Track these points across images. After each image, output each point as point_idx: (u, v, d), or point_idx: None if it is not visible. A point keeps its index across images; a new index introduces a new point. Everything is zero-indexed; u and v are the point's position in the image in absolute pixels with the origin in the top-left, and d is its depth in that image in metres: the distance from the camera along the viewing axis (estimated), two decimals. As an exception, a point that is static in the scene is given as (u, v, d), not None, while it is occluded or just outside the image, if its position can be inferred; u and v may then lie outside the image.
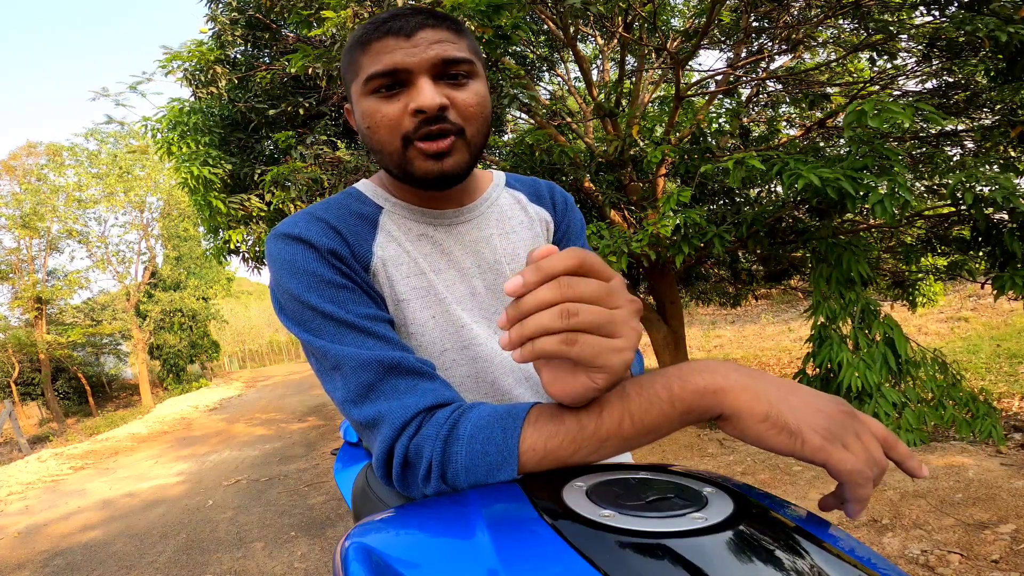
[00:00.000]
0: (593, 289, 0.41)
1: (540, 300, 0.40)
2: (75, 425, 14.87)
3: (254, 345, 32.82)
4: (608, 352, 0.41)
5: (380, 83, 0.63)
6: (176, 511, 4.28)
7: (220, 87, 4.10)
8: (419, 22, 0.63)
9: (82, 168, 15.58)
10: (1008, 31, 2.69)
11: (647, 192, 4.24)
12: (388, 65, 0.62)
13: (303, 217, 0.66)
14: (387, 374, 0.57)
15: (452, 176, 0.66)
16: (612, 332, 0.41)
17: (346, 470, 1.14)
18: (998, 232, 3.11)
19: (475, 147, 0.67)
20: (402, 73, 0.62)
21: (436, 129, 0.63)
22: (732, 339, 9.94)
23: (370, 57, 0.63)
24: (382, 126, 0.64)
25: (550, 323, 0.40)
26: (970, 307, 8.54)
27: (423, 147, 0.63)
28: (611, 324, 0.41)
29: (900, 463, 0.45)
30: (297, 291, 0.61)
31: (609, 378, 0.43)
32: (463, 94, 0.64)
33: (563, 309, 0.39)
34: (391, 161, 0.66)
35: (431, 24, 0.63)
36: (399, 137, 0.64)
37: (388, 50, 0.62)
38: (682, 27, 5.13)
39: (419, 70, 0.62)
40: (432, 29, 0.63)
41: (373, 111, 0.64)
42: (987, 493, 2.44)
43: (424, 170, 0.65)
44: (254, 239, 4.32)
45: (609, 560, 0.36)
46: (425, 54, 0.62)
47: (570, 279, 0.40)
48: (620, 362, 0.42)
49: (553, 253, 0.41)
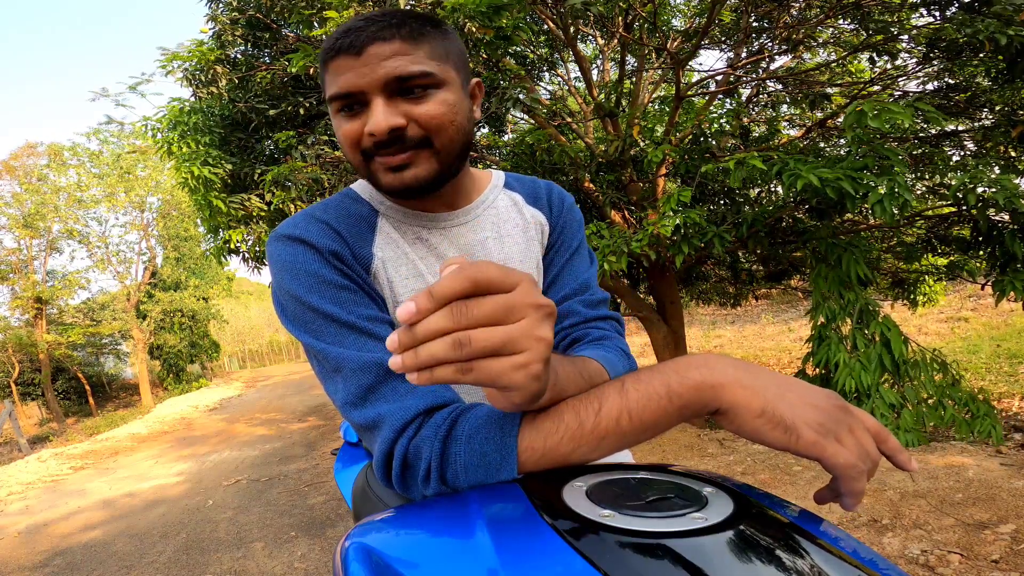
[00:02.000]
0: (488, 310, 0.38)
1: (431, 330, 0.38)
2: (75, 425, 14.87)
3: (254, 345, 32.81)
4: (509, 372, 0.39)
5: (340, 104, 0.63)
6: (176, 511, 4.28)
7: (220, 87, 4.10)
8: (369, 36, 0.60)
9: (83, 168, 15.59)
10: (1008, 33, 2.69)
11: (647, 192, 4.24)
12: (343, 88, 0.61)
13: (303, 218, 0.66)
14: (387, 376, 0.57)
15: (415, 188, 0.65)
16: (513, 350, 0.39)
17: (346, 470, 1.14)
18: (999, 233, 3.11)
19: (447, 155, 0.65)
20: (357, 95, 0.61)
21: (393, 149, 0.63)
22: (732, 339, 9.94)
23: (330, 77, 0.63)
24: (345, 143, 0.65)
25: (443, 355, 0.38)
26: (970, 307, 8.55)
27: (382, 161, 0.64)
28: (509, 343, 0.39)
29: (891, 456, 0.46)
30: (299, 292, 0.61)
31: (523, 394, 0.41)
32: (423, 107, 0.62)
33: (455, 340, 0.38)
34: (361, 174, 0.68)
35: (383, 37, 0.60)
36: (359, 153, 0.65)
37: (342, 71, 0.61)
38: (682, 27, 5.13)
39: (372, 90, 0.60)
40: (384, 43, 0.60)
41: (338, 128, 0.65)
42: (987, 493, 2.43)
43: (387, 182, 0.65)
44: (254, 239, 4.32)
45: (609, 560, 0.36)
46: (375, 74, 0.60)
47: (463, 303, 0.38)
48: (525, 377, 0.40)
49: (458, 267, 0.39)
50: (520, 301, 0.39)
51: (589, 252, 0.86)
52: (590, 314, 0.76)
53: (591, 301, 0.78)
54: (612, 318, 0.78)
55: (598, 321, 0.76)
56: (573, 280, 0.79)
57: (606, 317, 0.78)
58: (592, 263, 0.85)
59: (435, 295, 0.38)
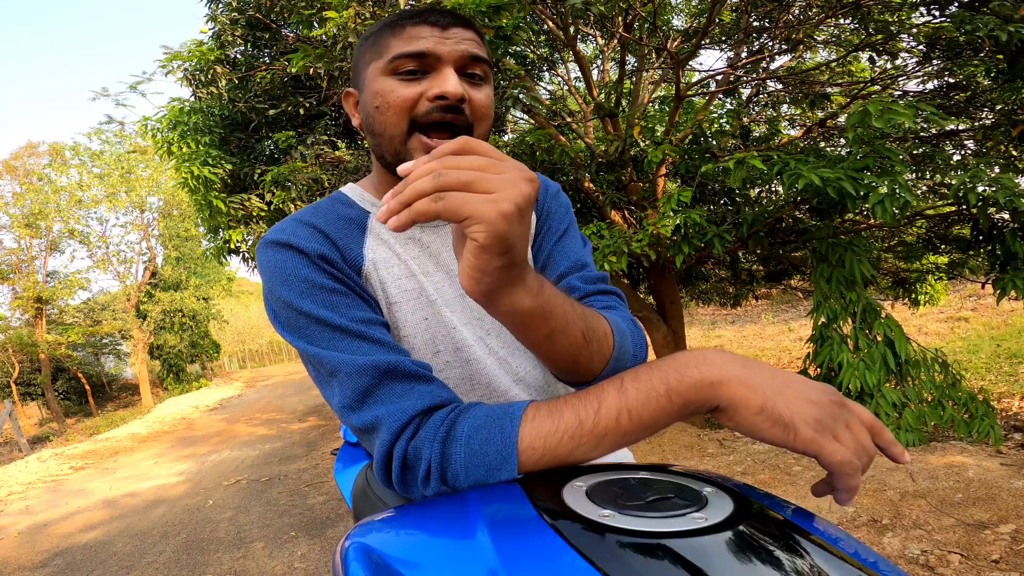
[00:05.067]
0: (472, 161, 0.43)
1: (420, 171, 0.43)
2: (75, 425, 14.88)
3: (254, 345, 32.82)
4: (477, 203, 0.42)
5: (406, 64, 0.63)
6: (176, 511, 4.28)
7: (220, 87, 4.10)
8: (452, 20, 0.65)
9: (84, 168, 15.60)
10: (1008, 30, 2.68)
11: (647, 192, 4.23)
12: (420, 48, 0.63)
13: (290, 223, 0.66)
14: (384, 378, 0.57)
15: None
16: (485, 188, 0.42)
17: (346, 470, 1.14)
18: (999, 232, 3.10)
19: None
20: (431, 59, 0.63)
21: (451, 118, 0.63)
22: (732, 339, 9.94)
23: (401, 39, 0.64)
24: (393, 106, 0.64)
25: (422, 186, 0.42)
26: (970, 307, 8.55)
27: (427, 142, 0.64)
28: (483, 181, 0.42)
29: (884, 449, 0.47)
30: (290, 299, 0.61)
31: (487, 230, 0.42)
32: (479, 94, 0.66)
33: (433, 170, 0.42)
34: (390, 147, 0.66)
35: (463, 24, 0.66)
36: (407, 120, 0.64)
37: (420, 35, 0.64)
38: (682, 27, 5.13)
39: (448, 60, 0.64)
40: (464, 28, 0.66)
41: (388, 90, 0.64)
42: (987, 493, 2.43)
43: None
44: (254, 239, 4.32)
45: (609, 560, 0.36)
46: (457, 47, 0.64)
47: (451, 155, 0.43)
48: (492, 211, 0.42)
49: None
50: (506, 163, 0.44)
51: (582, 236, 0.83)
52: (590, 288, 0.74)
53: (589, 278, 0.75)
54: (613, 292, 0.76)
55: (599, 295, 0.74)
56: (566, 260, 0.77)
57: (607, 291, 0.75)
58: (586, 244, 0.82)
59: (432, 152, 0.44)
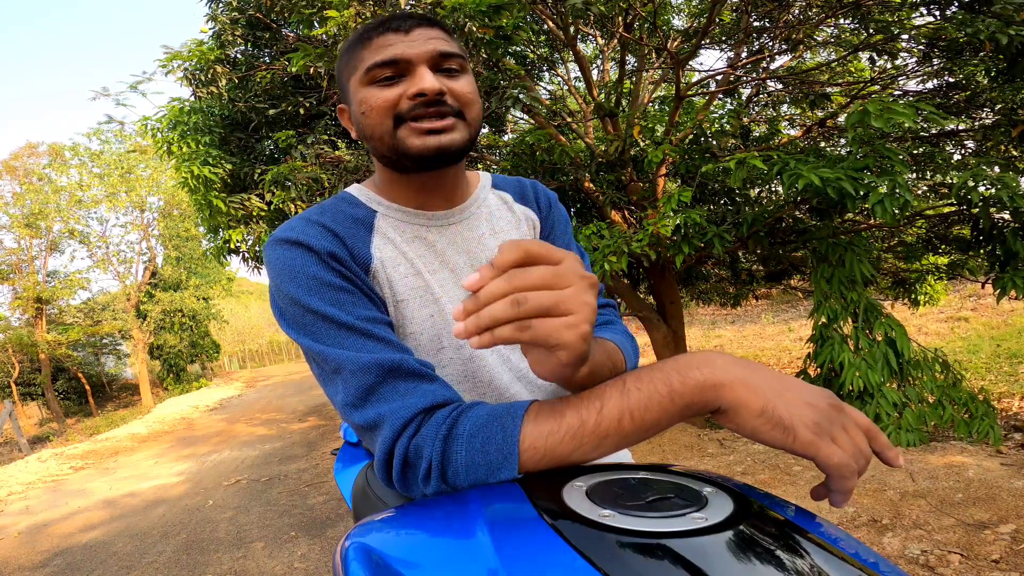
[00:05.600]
0: (540, 275, 0.43)
1: (492, 292, 0.43)
2: (75, 425, 14.88)
3: (254, 345, 32.81)
4: (561, 330, 0.43)
5: (381, 72, 0.67)
6: (176, 511, 4.28)
7: (220, 87, 4.10)
8: (415, 22, 0.69)
9: (84, 168, 15.59)
10: (1009, 33, 2.68)
11: (647, 192, 4.23)
12: (389, 56, 0.66)
13: (300, 222, 0.67)
14: (387, 376, 0.57)
15: (450, 152, 0.68)
16: (564, 311, 0.44)
17: (346, 470, 1.14)
18: (999, 232, 3.10)
19: (474, 129, 0.71)
20: (402, 63, 0.66)
21: (434, 111, 0.66)
22: (732, 339, 9.94)
23: (371, 50, 0.68)
24: (376, 108, 0.67)
25: (502, 314, 0.43)
26: (970, 307, 8.54)
27: (417, 126, 0.66)
28: (561, 304, 0.43)
29: (879, 452, 0.48)
30: (298, 295, 0.61)
31: (570, 353, 0.45)
32: (458, 83, 0.69)
33: (513, 299, 0.43)
34: (383, 145, 0.69)
35: (426, 24, 0.69)
36: (391, 117, 0.67)
37: (389, 44, 0.67)
38: (682, 27, 5.13)
39: (419, 60, 0.67)
40: (428, 28, 0.69)
41: (370, 97, 0.67)
42: (987, 493, 2.43)
43: (419, 146, 0.67)
44: (254, 239, 4.32)
45: (609, 560, 0.36)
46: (424, 47, 0.67)
47: (519, 270, 0.43)
48: (575, 336, 0.44)
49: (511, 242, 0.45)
50: (568, 270, 0.45)
51: (578, 247, 0.91)
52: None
53: None
54: (609, 305, 0.86)
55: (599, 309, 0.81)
56: None
57: (604, 305, 0.85)
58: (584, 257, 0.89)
59: (496, 264, 0.43)
